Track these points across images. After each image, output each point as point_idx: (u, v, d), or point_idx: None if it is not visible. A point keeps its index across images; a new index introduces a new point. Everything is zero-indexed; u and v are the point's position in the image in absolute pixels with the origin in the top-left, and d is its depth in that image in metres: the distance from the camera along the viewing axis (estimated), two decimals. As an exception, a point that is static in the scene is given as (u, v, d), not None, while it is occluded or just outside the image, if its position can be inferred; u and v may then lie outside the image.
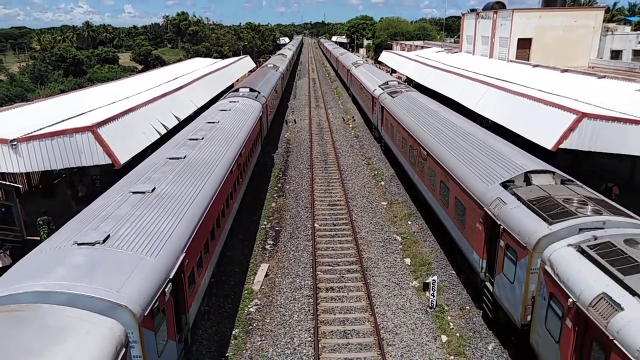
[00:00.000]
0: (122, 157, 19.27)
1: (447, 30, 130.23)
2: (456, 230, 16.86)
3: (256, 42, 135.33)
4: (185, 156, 17.00)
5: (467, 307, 15.70)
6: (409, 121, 25.58)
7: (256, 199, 25.53)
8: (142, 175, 14.93)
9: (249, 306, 16.09)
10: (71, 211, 14.49)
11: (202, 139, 19.74)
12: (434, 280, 15.70)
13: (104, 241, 10.02)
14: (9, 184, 20.16)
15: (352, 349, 13.73)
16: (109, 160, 18.93)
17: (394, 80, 40.34)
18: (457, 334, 14.38)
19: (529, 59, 45.74)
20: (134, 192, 13.07)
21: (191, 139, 19.65)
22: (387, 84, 37.39)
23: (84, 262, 9.23)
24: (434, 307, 15.61)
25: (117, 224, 10.95)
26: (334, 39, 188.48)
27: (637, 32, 49.85)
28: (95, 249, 9.75)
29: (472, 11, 60.15)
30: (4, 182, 20.07)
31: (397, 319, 15.11)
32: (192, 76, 42.49)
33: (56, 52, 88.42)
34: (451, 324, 14.86)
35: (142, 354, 8.62)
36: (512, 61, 46.03)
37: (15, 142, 18.37)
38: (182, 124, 26.75)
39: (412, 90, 35.19)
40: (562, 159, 21.96)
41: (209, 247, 14.35)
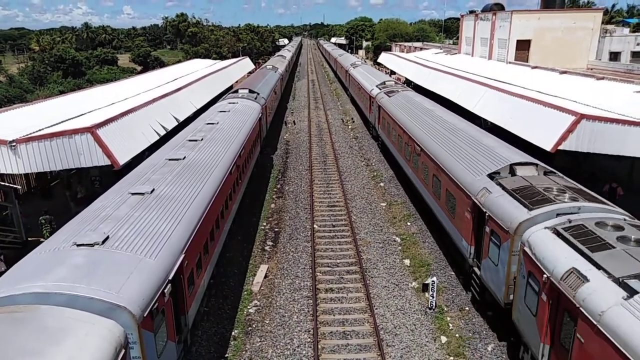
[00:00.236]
0: (122, 158, 19.27)
1: (446, 31, 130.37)
2: (447, 220, 17.81)
3: (255, 43, 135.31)
4: (184, 157, 17.00)
5: (467, 308, 15.70)
6: (404, 119, 26.25)
7: (255, 200, 25.52)
8: (142, 176, 14.93)
9: (249, 307, 16.08)
10: (70, 212, 14.47)
11: (202, 140, 19.74)
12: (433, 281, 15.71)
13: (103, 242, 10.02)
14: (8, 185, 20.14)
15: (351, 350, 13.73)
16: (108, 161, 18.93)
17: (390, 80, 40.78)
18: (457, 335, 14.38)
19: (527, 61, 45.73)
20: (133, 193, 13.07)
21: (190, 140, 19.65)
22: (384, 83, 38.00)
23: (83, 263, 9.22)
24: (434, 308, 15.62)
25: (116, 225, 10.95)
26: (333, 40, 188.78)
27: (636, 33, 49.96)
28: (94, 250, 9.75)
29: (471, 13, 60.01)
30: (3, 184, 20.05)
31: (397, 320, 15.11)
32: (191, 77, 42.41)
33: (55, 53, 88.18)
34: (450, 325, 14.87)
35: (141, 355, 8.61)
36: (511, 63, 46.03)
37: (14, 143, 18.32)
38: (181, 125, 26.71)
39: (408, 89, 35.87)
40: (562, 161, 22.00)
41: (208, 248, 14.34)
